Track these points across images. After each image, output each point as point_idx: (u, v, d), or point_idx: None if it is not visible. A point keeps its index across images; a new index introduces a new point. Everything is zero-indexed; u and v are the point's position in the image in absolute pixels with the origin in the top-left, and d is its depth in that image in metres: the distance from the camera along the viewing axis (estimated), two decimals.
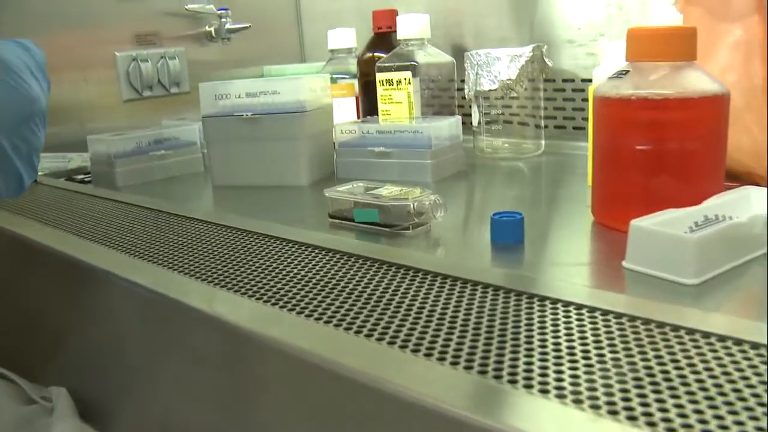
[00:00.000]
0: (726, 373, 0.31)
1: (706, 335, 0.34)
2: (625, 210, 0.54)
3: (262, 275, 0.48)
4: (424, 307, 0.40)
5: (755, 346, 0.33)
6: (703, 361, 0.32)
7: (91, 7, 1.15)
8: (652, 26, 0.52)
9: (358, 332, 0.38)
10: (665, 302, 0.39)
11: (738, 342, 0.33)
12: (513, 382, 0.31)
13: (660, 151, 0.52)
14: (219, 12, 1.26)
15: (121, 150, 0.89)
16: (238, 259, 0.53)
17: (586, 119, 0.97)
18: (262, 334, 0.39)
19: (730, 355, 0.32)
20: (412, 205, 0.56)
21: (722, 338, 0.34)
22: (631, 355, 0.33)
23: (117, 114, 1.16)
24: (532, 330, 0.36)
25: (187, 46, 1.24)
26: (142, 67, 1.17)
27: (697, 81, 0.51)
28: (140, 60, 1.17)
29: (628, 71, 0.53)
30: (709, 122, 0.51)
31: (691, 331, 0.35)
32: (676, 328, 0.36)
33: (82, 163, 1.01)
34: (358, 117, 1.03)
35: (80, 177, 0.98)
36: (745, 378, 0.30)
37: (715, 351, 0.33)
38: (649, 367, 0.32)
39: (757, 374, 0.30)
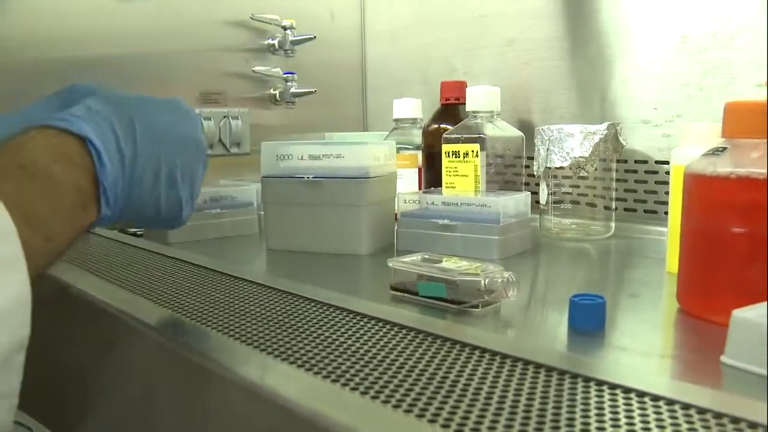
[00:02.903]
0: None
1: None
2: (718, 299, 0.50)
3: (315, 345, 0.45)
4: (505, 397, 0.36)
5: None
6: None
7: (160, 65, 1.15)
8: (754, 100, 0.48)
9: (420, 416, 0.33)
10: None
11: None
12: None
13: (760, 235, 0.47)
14: (285, 76, 1.26)
15: None
16: (291, 326, 0.49)
17: (658, 202, 0.92)
18: (316, 412, 0.35)
19: None
20: (483, 282, 0.52)
21: None
22: None
23: None
24: (618, 427, 0.32)
25: (251, 107, 1.24)
26: (204, 125, 1.17)
27: None
28: (203, 118, 1.17)
29: (726, 148, 0.49)
30: None
31: None
32: None
33: None
34: (420, 189, 1.00)
35: (132, 230, 0.96)
36: None
37: None
38: None
39: None
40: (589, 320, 0.48)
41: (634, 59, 0.95)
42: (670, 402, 0.34)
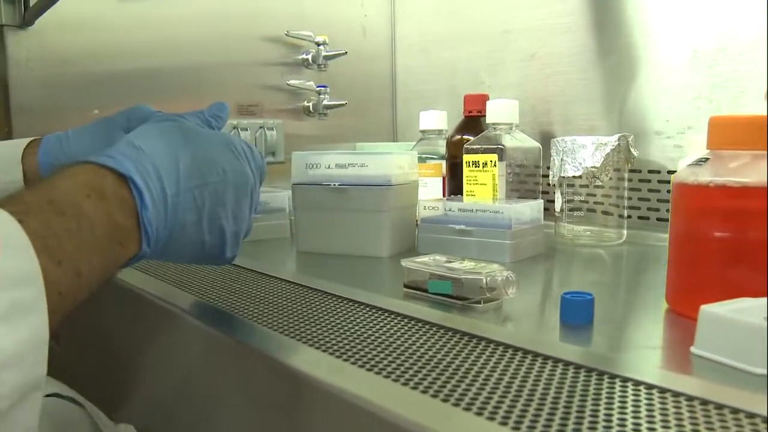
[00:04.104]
0: None
1: None
2: (701, 298, 0.53)
3: (337, 333, 0.50)
4: (503, 378, 0.41)
5: None
6: None
7: (200, 77, 1.23)
8: (734, 115, 0.53)
9: (424, 391, 0.39)
10: (734, 387, 0.39)
11: None
12: None
13: (738, 240, 0.51)
14: (318, 89, 1.33)
15: None
16: (316, 317, 0.55)
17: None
18: (333, 385, 0.41)
19: None
20: (484, 280, 0.57)
21: None
22: None
23: None
24: (598, 405, 0.37)
25: (285, 118, 1.31)
26: (241, 135, 1.24)
27: None
28: (240, 128, 1.24)
29: (708, 159, 0.53)
30: None
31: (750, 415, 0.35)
32: (752, 415, 0.35)
33: None
34: (444, 197, 1.05)
35: None
36: None
37: None
38: None
39: None
40: (578, 315, 0.52)
41: (649, 73, 0.99)
42: (638, 383, 0.39)
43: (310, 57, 1.33)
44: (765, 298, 0.47)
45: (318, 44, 1.31)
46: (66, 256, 0.39)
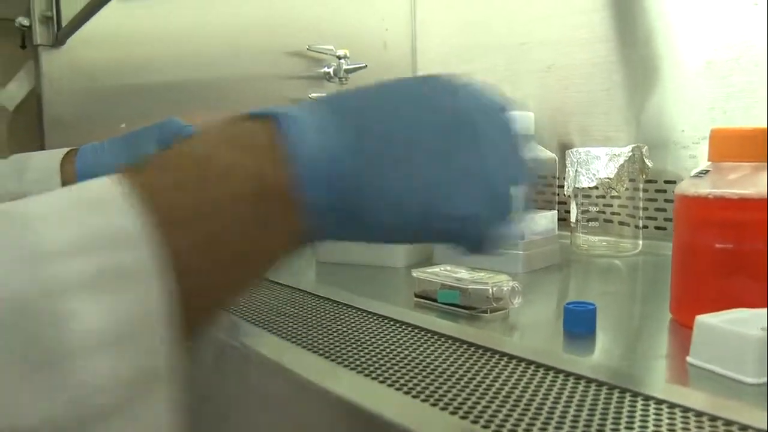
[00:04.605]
0: None
1: None
2: (701, 308, 0.54)
3: (349, 343, 0.52)
4: (502, 388, 0.43)
5: None
6: None
7: (225, 90, 1.26)
8: (735, 127, 0.54)
9: (424, 400, 0.41)
10: (722, 397, 0.40)
11: None
12: None
13: (738, 251, 0.52)
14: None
15: None
16: (331, 328, 0.57)
17: None
18: (338, 394, 0.43)
19: None
20: (491, 290, 0.59)
21: None
22: None
23: None
24: (581, 409, 0.38)
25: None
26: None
27: None
28: None
29: (709, 170, 0.54)
30: None
31: (744, 427, 0.36)
32: (728, 422, 0.36)
33: None
34: None
35: None
36: None
37: None
38: None
39: None
40: (581, 324, 0.54)
41: (665, 84, 1.00)
42: (624, 390, 0.41)
43: (331, 70, 1.35)
44: (760, 309, 0.48)
45: (339, 58, 1.34)
46: (185, 217, 0.30)
